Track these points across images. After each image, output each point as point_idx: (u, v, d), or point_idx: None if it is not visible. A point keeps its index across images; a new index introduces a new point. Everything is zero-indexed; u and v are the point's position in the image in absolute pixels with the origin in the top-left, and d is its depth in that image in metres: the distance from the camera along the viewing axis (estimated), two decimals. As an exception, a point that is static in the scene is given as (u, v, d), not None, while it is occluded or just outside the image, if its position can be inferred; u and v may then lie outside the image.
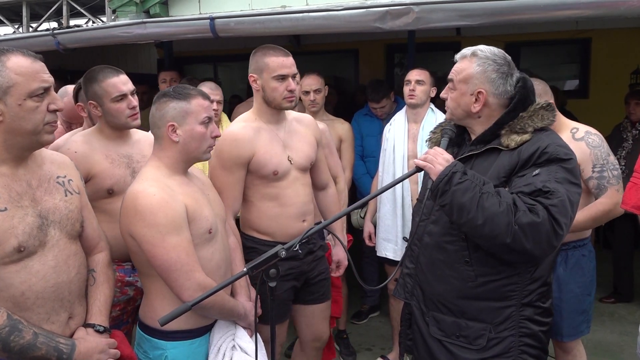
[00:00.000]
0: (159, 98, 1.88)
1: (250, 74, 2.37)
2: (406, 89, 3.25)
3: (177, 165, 1.89)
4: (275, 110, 2.40)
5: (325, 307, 2.67)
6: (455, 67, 1.89)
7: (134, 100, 2.32)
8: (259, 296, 1.65)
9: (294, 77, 2.36)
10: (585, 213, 2.45)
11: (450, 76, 1.90)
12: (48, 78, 1.57)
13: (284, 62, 2.32)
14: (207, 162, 2.18)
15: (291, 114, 2.55)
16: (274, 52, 2.33)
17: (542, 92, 2.48)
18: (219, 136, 1.96)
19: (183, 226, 1.78)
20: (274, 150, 2.35)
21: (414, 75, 3.23)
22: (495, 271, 1.78)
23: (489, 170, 1.80)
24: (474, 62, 1.84)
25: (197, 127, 1.87)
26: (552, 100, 2.48)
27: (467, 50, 1.89)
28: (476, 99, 1.84)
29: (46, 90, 1.55)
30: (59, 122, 3.09)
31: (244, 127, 2.37)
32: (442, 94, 1.93)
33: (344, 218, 2.85)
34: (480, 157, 1.87)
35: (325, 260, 2.66)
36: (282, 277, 1.64)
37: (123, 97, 2.28)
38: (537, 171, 1.71)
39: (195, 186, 1.93)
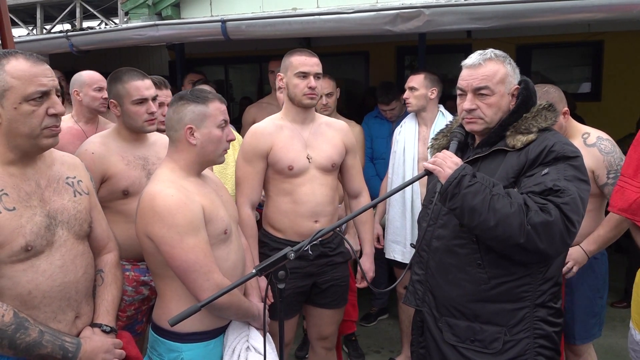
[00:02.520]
0: (177, 101, 1.89)
1: (278, 74, 2.50)
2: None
3: (191, 167, 1.90)
4: (299, 109, 2.48)
5: (334, 313, 2.67)
6: (483, 72, 1.83)
7: (154, 107, 2.36)
8: (268, 294, 1.66)
9: (317, 76, 2.45)
10: (606, 227, 2.44)
11: (480, 84, 1.83)
12: (47, 82, 1.54)
13: (306, 61, 2.44)
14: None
15: (322, 118, 2.62)
16: (299, 52, 2.47)
17: (558, 99, 2.49)
18: (234, 139, 1.97)
19: (201, 227, 1.79)
20: (292, 146, 2.43)
21: (407, 82, 3.23)
22: (508, 272, 1.78)
23: (497, 172, 1.81)
24: (502, 62, 1.85)
25: (215, 131, 1.88)
26: (566, 108, 2.49)
27: (486, 54, 1.86)
28: (512, 96, 1.86)
29: (45, 94, 1.53)
30: (72, 123, 3.13)
31: (266, 123, 2.51)
32: (468, 106, 1.86)
33: (372, 228, 2.86)
34: (486, 159, 1.87)
35: (344, 267, 2.66)
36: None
37: (143, 101, 2.32)
38: (545, 170, 1.71)
39: (209, 187, 1.94)
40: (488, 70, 1.83)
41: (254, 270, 1.59)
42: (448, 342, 1.89)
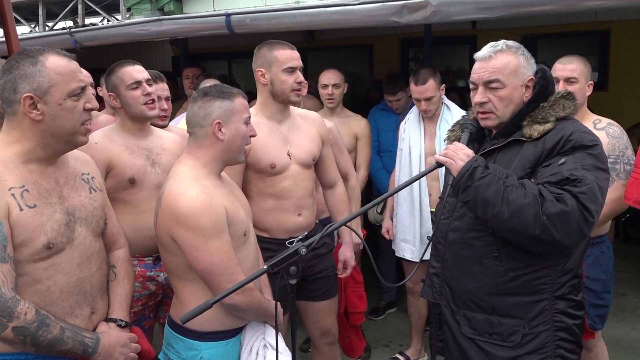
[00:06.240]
0: (201, 97, 1.86)
1: (258, 69, 2.39)
2: (417, 105, 3.20)
3: (213, 165, 1.87)
4: (281, 105, 2.42)
5: (330, 303, 2.64)
6: (494, 65, 1.80)
7: (149, 88, 2.35)
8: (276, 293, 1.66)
9: (300, 70, 2.40)
10: None
11: (490, 76, 1.80)
12: (84, 77, 1.59)
13: (292, 55, 2.38)
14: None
15: (296, 110, 2.55)
16: (282, 46, 2.38)
17: (587, 72, 2.57)
18: (255, 135, 1.96)
19: (225, 229, 1.78)
20: (272, 143, 2.36)
21: (421, 93, 3.10)
22: (526, 265, 1.75)
23: (513, 163, 1.78)
24: (514, 53, 1.82)
25: (242, 126, 1.87)
26: (591, 81, 2.55)
27: (497, 46, 1.83)
28: (526, 87, 1.82)
29: (83, 89, 1.57)
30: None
31: None
32: (479, 99, 1.83)
33: (360, 216, 2.82)
34: (502, 150, 1.84)
35: (330, 257, 2.64)
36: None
37: (137, 84, 2.33)
38: (562, 160, 1.67)
39: (227, 188, 1.92)
40: (499, 63, 1.80)
41: (265, 267, 1.58)
42: (466, 335, 1.87)
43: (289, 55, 2.36)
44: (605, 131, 2.46)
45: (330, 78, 3.48)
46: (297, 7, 3.77)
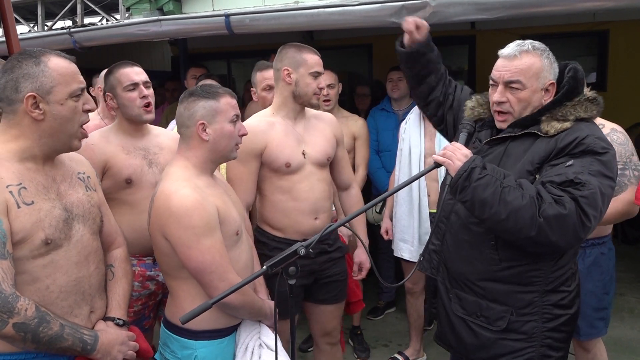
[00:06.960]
0: (187, 97, 1.88)
1: (285, 68, 2.40)
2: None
3: (204, 165, 1.89)
4: (299, 106, 2.45)
5: (336, 308, 2.66)
6: (517, 65, 1.79)
7: (145, 90, 2.35)
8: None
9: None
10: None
11: (512, 77, 1.79)
12: (82, 79, 1.62)
13: (319, 61, 2.44)
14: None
15: (311, 112, 2.58)
16: (310, 51, 2.43)
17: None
18: (246, 134, 1.96)
19: (216, 227, 1.79)
20: (288, 142, 2.38)
21: None
22: (521, 256, 1.77)
23: (524, 156, 1.78)
24: (539, 55, 1.80)
25: (227, 126, 1.87)
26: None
27: (523, 46, 1.82)
28: (546, 91, 1.82)
29: (82, 90, 1.60)
30: (98, 120, 3.16)
31: (258, 120, 2.44)
32: (498, 98, 1.83)
33: (365, 220, 2.83)
34: (516, 140, 1.84)
35: (342, 262, 2.65)
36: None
37: (134, 86, 2.33)
38: (570, 162, 1.68)
39: (220, 188, 1.93)
40: (522, 64, 1.79)
41: (265, 267, 1.59)
42: (456, 313, 1.92)
43: (317, 61, 2.42)
44: (610, 138, 2.44)
45: (325, 79, 3.47)
46: (297, 7, 3.77)
